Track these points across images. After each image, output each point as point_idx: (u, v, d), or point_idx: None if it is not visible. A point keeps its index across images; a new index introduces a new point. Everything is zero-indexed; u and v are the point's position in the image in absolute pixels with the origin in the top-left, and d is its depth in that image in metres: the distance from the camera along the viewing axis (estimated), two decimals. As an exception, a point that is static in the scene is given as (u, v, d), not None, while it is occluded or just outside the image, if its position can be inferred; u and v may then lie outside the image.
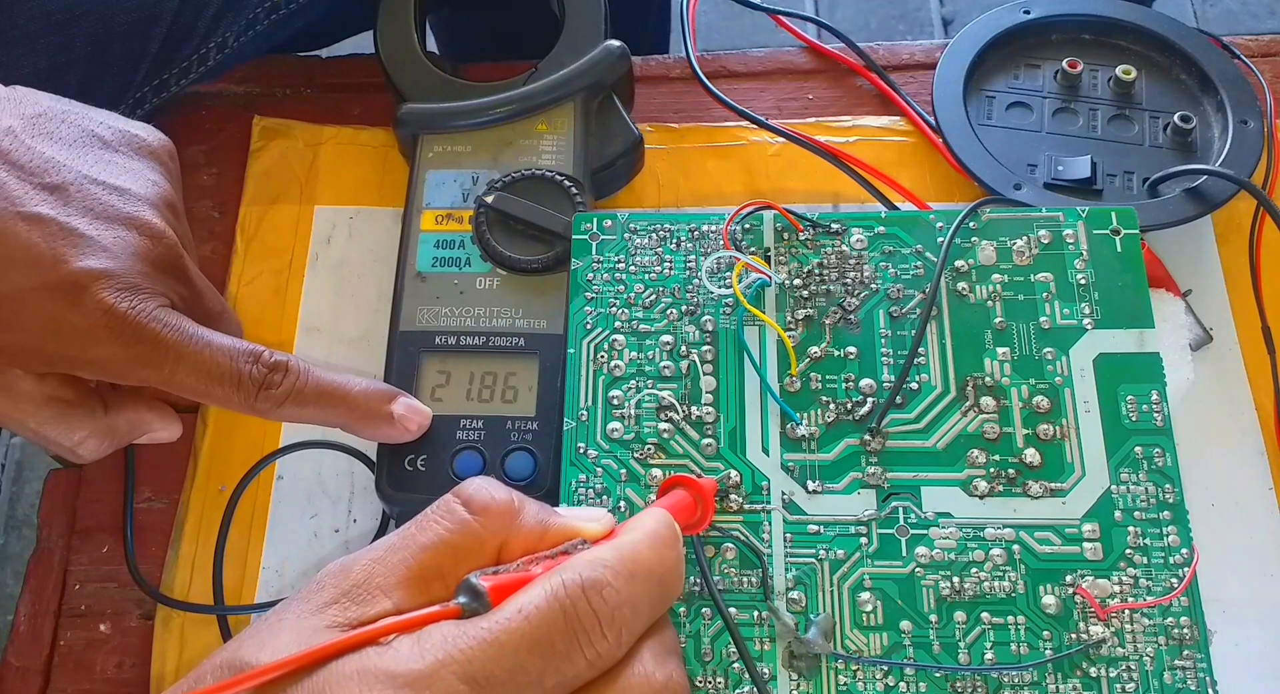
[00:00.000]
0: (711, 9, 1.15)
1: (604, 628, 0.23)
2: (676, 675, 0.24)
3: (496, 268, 0.39)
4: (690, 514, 0.29)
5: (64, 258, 0.31)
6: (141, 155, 0.35)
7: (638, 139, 0.41)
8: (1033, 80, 0.44)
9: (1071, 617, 0.31)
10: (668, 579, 0.25)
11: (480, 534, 0.25)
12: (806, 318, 0.36)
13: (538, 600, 0.23)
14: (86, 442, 0.34)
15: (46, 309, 0.31)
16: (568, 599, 0.23)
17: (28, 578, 0.38)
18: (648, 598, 0.24)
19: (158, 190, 0.34)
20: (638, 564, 0.24)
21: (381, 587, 0.24)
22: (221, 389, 0.32)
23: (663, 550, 0.25)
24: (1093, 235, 0.36)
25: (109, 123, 0.35)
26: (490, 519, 0.25)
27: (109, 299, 0.31)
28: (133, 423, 0.36)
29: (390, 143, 0.44)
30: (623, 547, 0.25)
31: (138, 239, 0.32)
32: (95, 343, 0.31)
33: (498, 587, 0.23)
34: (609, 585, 0.23)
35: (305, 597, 0.24)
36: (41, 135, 0.33)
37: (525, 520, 0.26)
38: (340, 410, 0.34)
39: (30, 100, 0.34)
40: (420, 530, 0.25)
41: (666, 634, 0.25)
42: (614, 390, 0.35)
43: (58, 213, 0.31)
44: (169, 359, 0.32)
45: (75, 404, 0.34)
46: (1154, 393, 0.34)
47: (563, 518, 0.27)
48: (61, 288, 0.31)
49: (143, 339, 0.31)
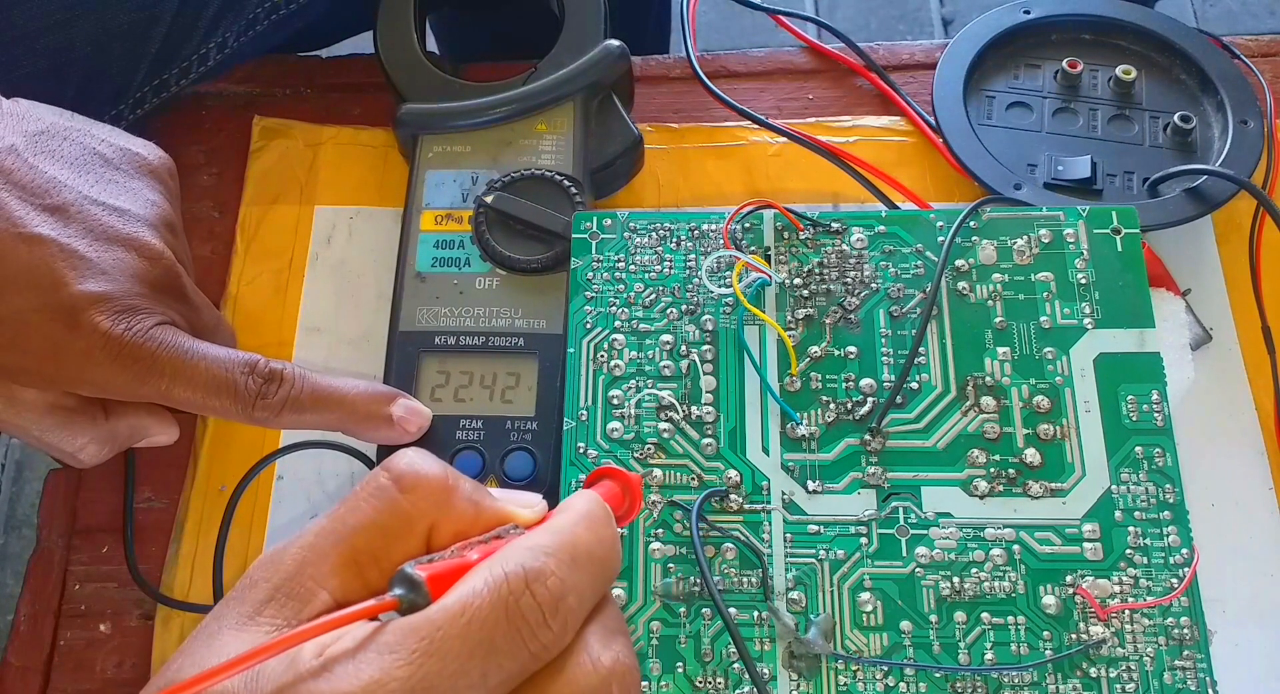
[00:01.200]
0: (711, 9, 1.15)
1: (548, 619, 0.22)
2: (623, 656, 0.24)
3: (496, 268, 0.39)
4: (618, 504, 0.28)
5: (64, 280, 0.31)
6: (142, 174, 0.35)
7: (637, 139, 0.41)
8: (1033, 80, 0.44)
9: (1071, 617, 0.31)
10: (608, 560, 0.25)
11: (410, 514, 0.24)
12: (806, 317, 0.36)
13: (479, 597, 0.22)
14: (88, 447, 0.35)
15: (46, 331, 0.31)
16: (510, 594, 0.22)
17: (28, 578, 0.38)
18: (590, 582, 0.24)
19: (157, 211, 0.35)
20: (578, 549, 0.24)
21: (314, 576, 0.23)
22: (219, 401, 0.33)
23: (599, 530, 0.25)
24: (1093, 235, 0.36)
25: (111, 140, 0.35)
26: (420, 497, 0.24)
27: (106, 323, 0.31)
28: (133, 428, 0.36)
29: (390, 143, 0.44)
30: (560, 531, 0.24)
31: (136, 261, 0.33)
32: (93, 365, 0.32)
33: (435, 576, 0.22)
34: (552, 574, 0.23)
35: (239, 596, 0.23)
36: (44, 154, 0.33)
37: (458, 500, 0.25)
38: (338, 415, 0.35)
39: (33, 116, 0.34)
40: (349, 511, 0.24)
41: (609, 615, 0.25)
42: (614, 390, 0.35)
43: (58, 235, 0.32)
44: (165, 376, 0.32)
45: (77, 412, 0.34)
46: (1154, 393, 0.34)
47: (496, 500, 0.26)
48: (61, 311, 0.31)
49: (139, 359, 0.32)
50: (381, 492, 0.25)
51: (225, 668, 0.20)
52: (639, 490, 0.29)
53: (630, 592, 0.32)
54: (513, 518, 0.26)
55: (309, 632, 0.21)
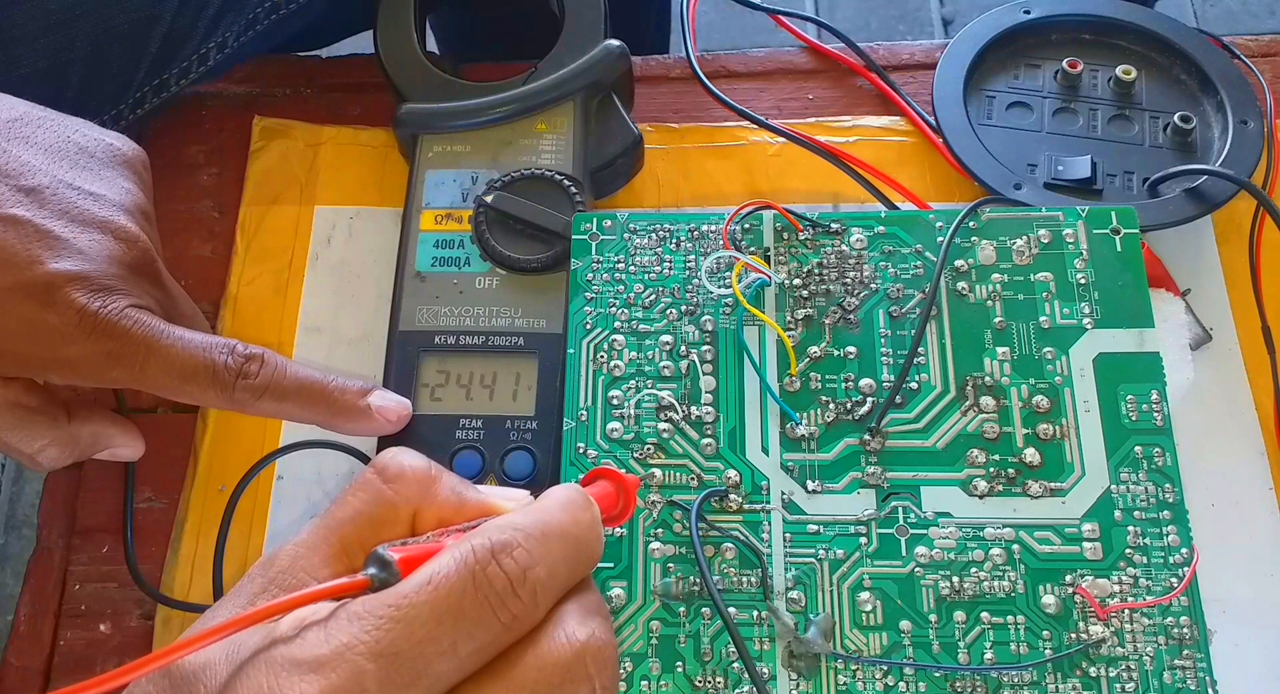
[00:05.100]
0: (711, 9, 1.15)
1: (516, 589, 0.22)
2: (600, 633, 0.24)
3: (496, 267, 0.39)
4: (611, 504, 0.28)
5: (39, 259, 0.31)
6: (116, 163, 0.35)
7: (637, 139, 0.41)
8: (1033, 80, 0.44)
9: (1071, 616, 0.31)
10: (583, 539, 0.25)
11: (395, 502, 0.25)
12: (806, 318, 0.36)
13: (446, 568, 0.22)
14: (47, 450, 0.34)
15: (20, 310, 0.31)
16: (477, 564, 0.22)
17: (28, 578, 0.38)
18: (563, 557, 0.24)
19: (131, 197, 0.34)
20: (549, 526, 0.24)
21: (306, 568, 0.24)
22: (197, 382, 0.32)
23: (575, 512, 0.25)
24: (1093, 235, 0.36)
25: (85, 130, 0.35)
26: (404, 486, 0.25)
27: (81, 299, 0.31)
28: (96, 435, 0.36)
29: (390, 143, 0.44)
30: (532, 511, 0.25)
31: (112, 243, 0.33)
32: (68, 342, 0.31)
33: (407, 558, 0.23)
34: (519, 546, 0.23)
35: (235, 591, 0.24)
36: (17, 139, 0.33)
37: (441, 490, 0.26)
38: (319, 404, 0.34)
39: (5, 105, 0.34)
40: (339, 506, 0.25)
41: (589, 596, 0.25)
42: (614, 390, 0.35)
43: (33, 215, 0.31)
44: (140, 354, 0.32)
45: (38, 411, 0.34)
46: (1154, 392, 0.34)
47: (480, 493, 0.26)
48: (36, 289, 0.31)
49: (114, 336, 0.31)
50: (368, 484, 0.25)
51: (204, 636, 0.21)
52: (634, 492, 0.29)
53: (630, 591, 0.32)
54: (496, 509, 0.26)
55: (282, 605, 0.22)
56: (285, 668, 0.21)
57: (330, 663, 0.21)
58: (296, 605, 0.22)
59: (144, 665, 0.20)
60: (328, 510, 0.25)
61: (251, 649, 0.22)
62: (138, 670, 0.20)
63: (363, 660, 0.21)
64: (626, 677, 0.31)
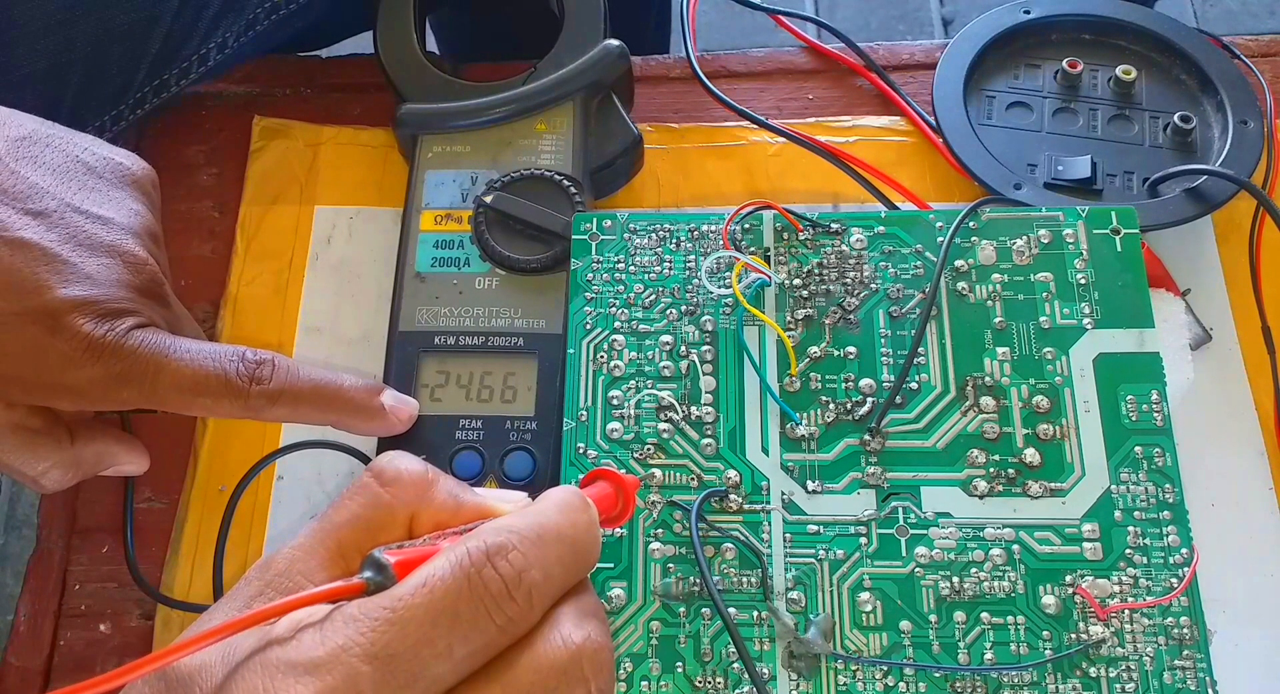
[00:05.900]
0: (711, 9, 1.15)
1: (511, 591, 0.22)
2: (596, 635, 0.24)
3: (496, 268, 0.39)
4: (610, 505, 0.28)
5: (46, 285, 0.31)
6: (125, 184, 0.35)
7: (637, 139, 0.41)
8: (1033, 80, 0.44)
9: (1071, 617, 0.31)
10: (580, 542, 0.25)
11: (391, 505, 0.25)
12: (806, 318, 0.36)
13: (441, 570, 0.22)
14: (50, 472, 0.34)
15: (28, 335, 0.31)
16: (471, 566, 0.22)
17: (28, 578, 0.38)
18: (559, 560, 0.24)
19: (140, 220, 0.34)
20: (545, 528, 0.24)
21: (303, 572, 0.24)
22: (211, 393, 0.32)
23: (571, 515, 0.25)
24: (1093, 235, 0.36)
25: (94, 149, 0.35)
26: (400, 489, 0.25)
27: (87, 327, 0.31)
28: (99, 455, 0.35)
29: (390, 143, 0.44)
30: (528, 514, 0.25)
31: (120, 267, 0.32)
32: (74, 368, 0.31)
33: (403, 561, 0.23)
34: (514, 549, 0.23)
35: (232, 594, 0.24)
36: (26, 160, 0.33)
37: (438, 493, 0.26)
38: (334, 405, 0.34)
39: (14, 122, 0.34)
40: (335, 510, 0.25)
41: (586, 598, 0.25)
42: (613, 390, 0.35)
43: (41, 239, 0.31)
44: (149, 373, 0.31)
45: (42, 433, 0.33)
46: (1154, 393, 0.34)
47: (477, 496, 0.26)
48: (43, 314, 0.30)
49: (121, 357, 0.31)
50: (364, 488, 0.25)
51: (200, 638, 0.21)
52: (633, 493, 0.29)
53: (630, 592, 0.32)
54: (493, 512, 0.26)
55: (279, 607, 0.22)
56: (281, 670, 0.21)
57: (326, 665, 0.21)
58: (293, 608, 0.22)
59: (141, 667, 0.20)
60: (325, 514, 0.25)
61: (247, 651, 0.22)
62: (135, 672, 0.20)
63: (358, 663, 0.21)
64: (627, 677, 0.31)
